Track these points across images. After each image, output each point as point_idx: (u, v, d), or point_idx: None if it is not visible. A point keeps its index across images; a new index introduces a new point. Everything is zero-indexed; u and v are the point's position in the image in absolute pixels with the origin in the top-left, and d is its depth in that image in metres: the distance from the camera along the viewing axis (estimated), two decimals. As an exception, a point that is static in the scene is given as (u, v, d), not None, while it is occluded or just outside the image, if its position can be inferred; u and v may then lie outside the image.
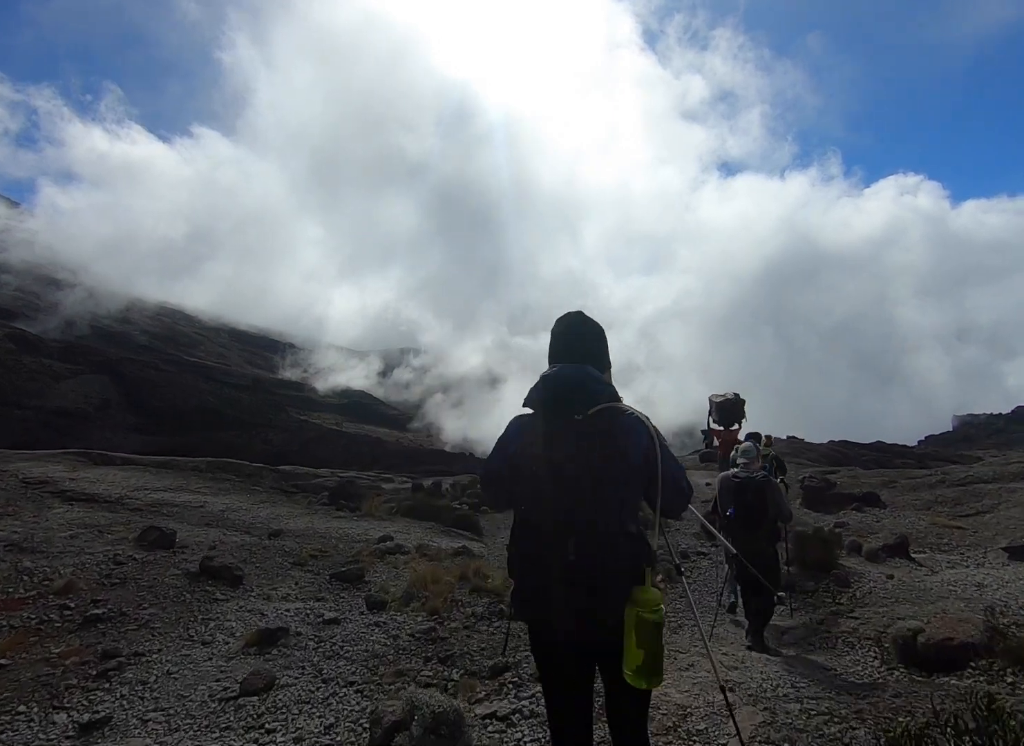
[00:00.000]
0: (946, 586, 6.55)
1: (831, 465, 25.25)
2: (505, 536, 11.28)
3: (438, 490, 17.43)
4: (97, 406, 56.42)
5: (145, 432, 55.55)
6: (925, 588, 6.48)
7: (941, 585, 6.59)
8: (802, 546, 7.59)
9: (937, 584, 6.66)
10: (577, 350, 1.97)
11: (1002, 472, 11.10)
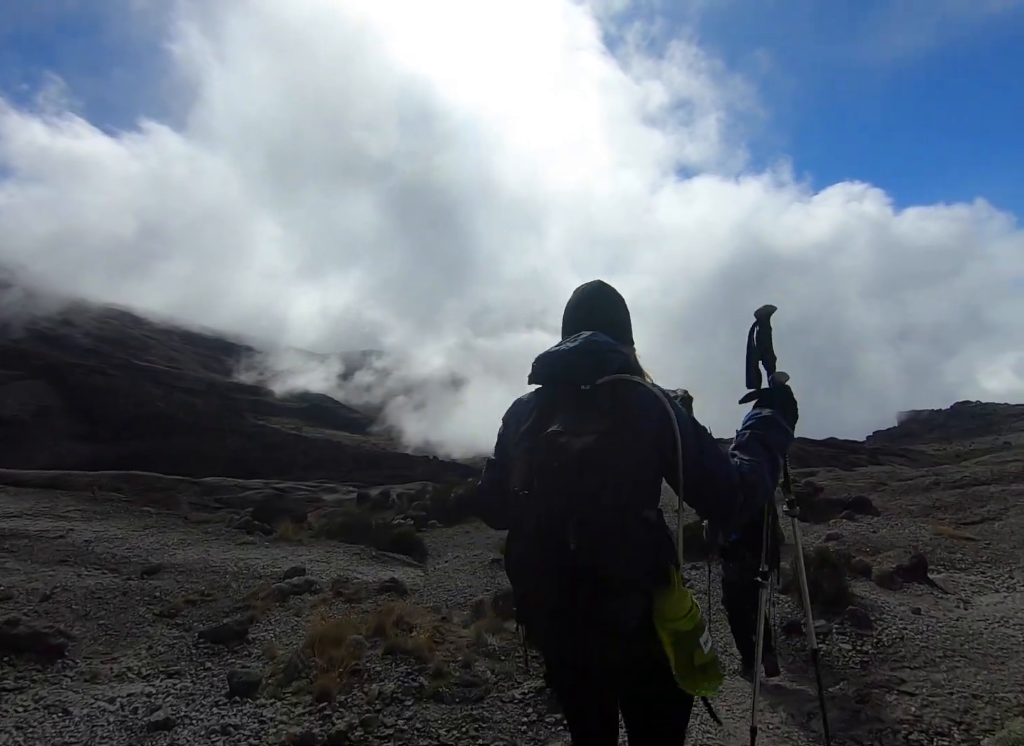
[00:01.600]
0: (995, 626, 5.06)
1: (797, 464, 24.20)
2: (451, 558, 9.45)
3: (385, 500, 15.50)
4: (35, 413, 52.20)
5: (91, 440, 51.64)
6: (971, 630, 4.98)
7: (987, 624, 5.10)
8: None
9: (981, 622, 5.18)
10: (591, 320, 1.63)
11: (1001, 472, 9.93)
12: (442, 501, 13.34)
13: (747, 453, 1.54)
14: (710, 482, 1.45)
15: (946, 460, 29.82)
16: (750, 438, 1.58)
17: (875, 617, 5.41)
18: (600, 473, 1.34)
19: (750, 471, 1.48)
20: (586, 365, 1.48)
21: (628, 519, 1.35)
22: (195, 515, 12.53)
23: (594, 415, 1.41)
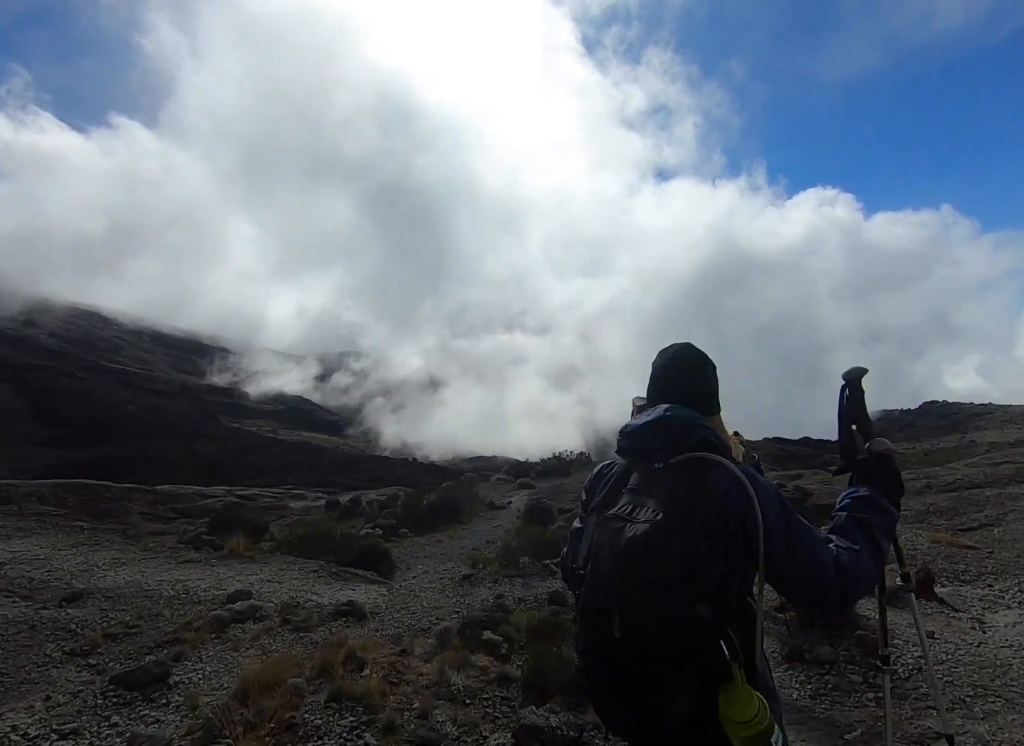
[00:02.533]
0: (1020, 651, 4.49)
1: (776, 464, 23.90)
2: (419, 572, 8.65)
3: (356, 507, 14.63)
4: (-5, 417, 49.96)
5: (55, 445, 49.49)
6: (998, 661, 4.40)
7: (1015, 652, 4.53)
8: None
9: (1007, 650, 4.61)
10: (674, 389, 1.52)
11: (994, 474, 9.52)
12: (414, 508, 12.54)
13: (846, 538, 1.35)
14: (802, 573, 1.28)
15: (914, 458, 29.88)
16: (848, 520, 1.39)
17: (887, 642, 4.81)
18: (648, 566, 1.25)
19: (850, 561, 1.29)
20: (660, 441, 1.40)
21: (675, 617, 1.23)
22: (146, 526, 11.55)
23: (658, 499, 1.32)
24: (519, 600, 6.65)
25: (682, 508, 1.27)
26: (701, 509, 1.27)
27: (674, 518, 1.26)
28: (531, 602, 6.58)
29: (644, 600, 1.23)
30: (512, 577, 7.55)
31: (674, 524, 1.26)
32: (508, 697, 4.40)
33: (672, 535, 1.25)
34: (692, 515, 1.26)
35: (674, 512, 1.27)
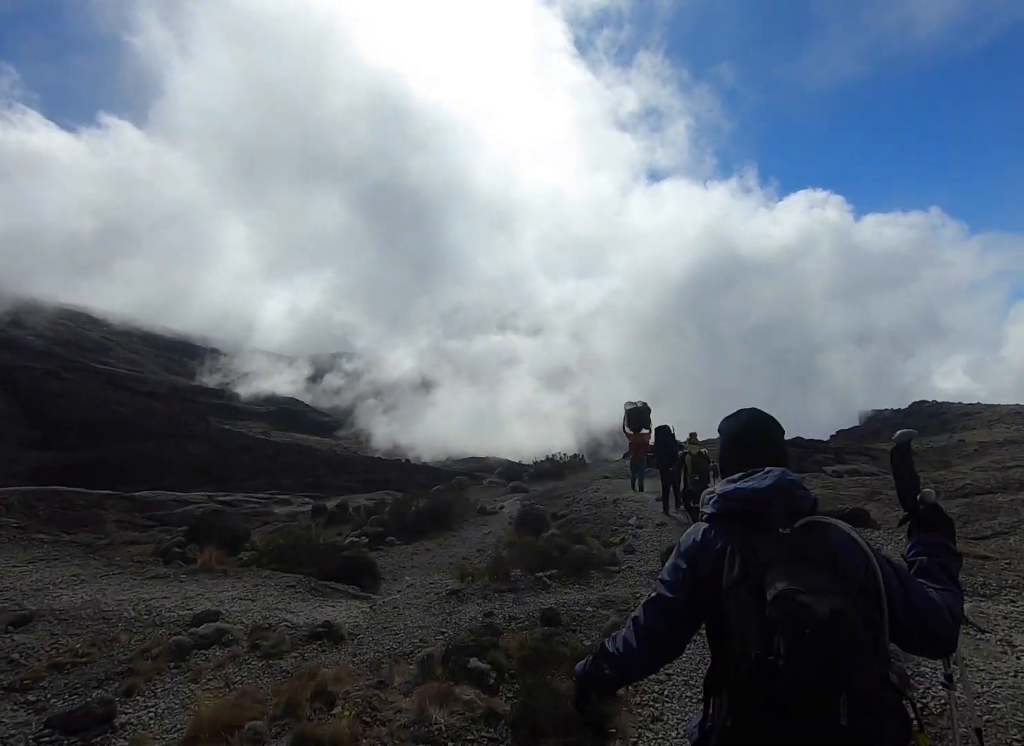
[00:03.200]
0: (1063, 685, 4.04)
1: (774, 466, 23.60)
2: (405, 585, 8.18)
3: (343, 513, 14.09)
4: (-19, 419, 48.89)
5: (43, 447, 48.56)
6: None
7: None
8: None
9: (1012, 670, 4.16)
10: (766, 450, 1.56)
11: (1005, 479, 9.11)
12: (402, 515, 12.02)
13: (937, 582, 1.45)
14: (924, 622, 1.36)
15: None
16: (932, 565, 1.50)
17: (911, 671, 4.35)
18: (856, 640, 1.23)
19: (953, 602, 1.42)
20: (782, 505, 1.40)
21: (885, 688, 1.29)
22: (121, 535, 10.97)
23: (817, 567, 1.29)
24: (510, 618, 6.15)
25: (846, 576, 1.28)
26: (850, 574, 1.29)
27: (851, 587, 1.27)
28: (523, 621, 6.08)
29: (869, 675, 1.24)
30: (503, 592, 7.05)
31: (855, 594, 1.26)
32: (496, 738, 3.91)
33: (859, 605, 1.25)
34: (855, 583, 1.28)
35: (848, 581, 1.27)
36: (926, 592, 1.38)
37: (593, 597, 6.76)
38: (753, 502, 1.42)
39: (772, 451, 1.57)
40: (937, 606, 1.36)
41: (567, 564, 7.92)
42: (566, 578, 7.63)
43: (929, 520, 1.62)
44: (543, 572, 7.75)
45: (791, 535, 1.35)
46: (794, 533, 1.35)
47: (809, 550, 1.32)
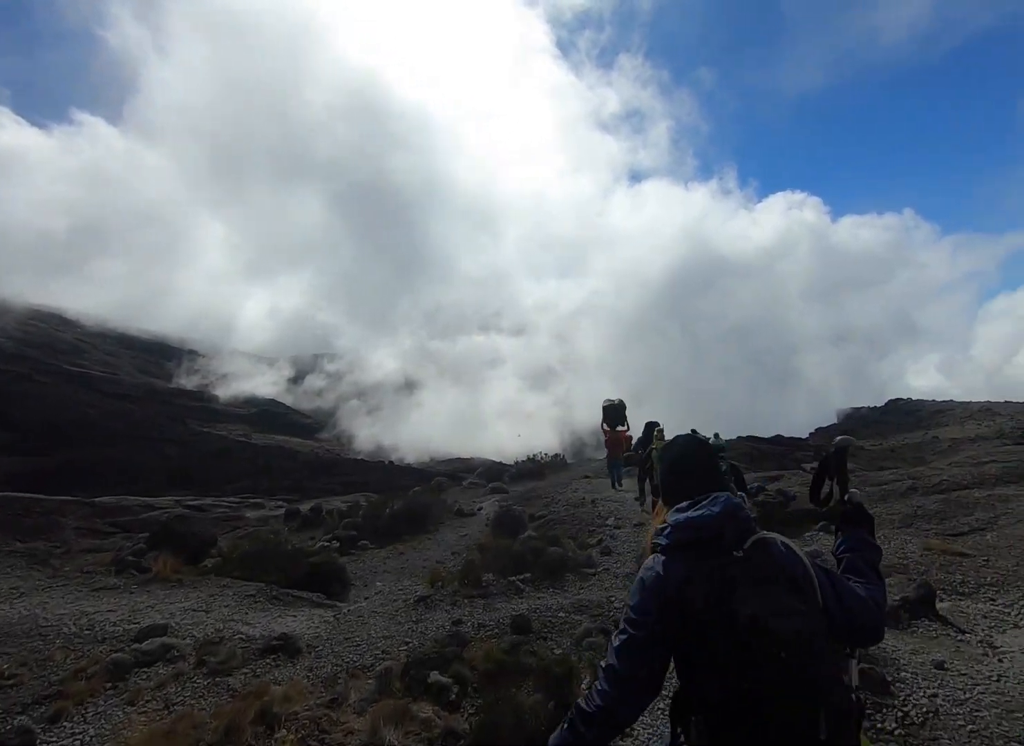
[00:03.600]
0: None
1: (752, 464, 23.53)
2: (374, 592, 7.85)
3: (317, 517, 13.66)
4: (-54, 423, 47.32)
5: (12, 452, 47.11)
6: (1019, 695, 3.75)
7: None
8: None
9: (995, 673, 3.98)
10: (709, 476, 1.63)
11: (981, 474, 9.05)
12: (376, 517, 11.65)
13: (863, 577, 1.57)
14: (853, 618, 1.45)
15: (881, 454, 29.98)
16: (857, 560, 1.62)
17: (892, 676, 4.14)
18: (823, 654, 1.33)
19: (877, 594, 1.52)
20: (733, 529, 1.47)
21: (850, 696, 1.36)
22: (79, 543, 10.46)
23: (776, 587, 1.39)
24: (479, 626, 5.86)
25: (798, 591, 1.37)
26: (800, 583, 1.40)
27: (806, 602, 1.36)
28: (492, 628, 5.79)
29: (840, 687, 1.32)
30: (473, 598, 6.76)
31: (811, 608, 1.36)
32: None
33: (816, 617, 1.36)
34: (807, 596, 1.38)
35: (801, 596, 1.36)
36: (854, 590, 1.49)
37: (567, 602, 6.50)
38: (706, 529, 1.47)
39: (711, 475, 1.64)
40: (864, 601, 1.48)
41: (541, 567, 7.65)
42: (540, 582, 7.36)
43: (855, 517, 1.75)
44: (517, 576, 7.47)
45: (744, 557, 1.42)
46: (747, 554, 1.42)
47: (764, 569, 1.40)
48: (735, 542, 1.44)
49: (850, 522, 1.75)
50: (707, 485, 1.59)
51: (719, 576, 1.39)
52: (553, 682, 4.23)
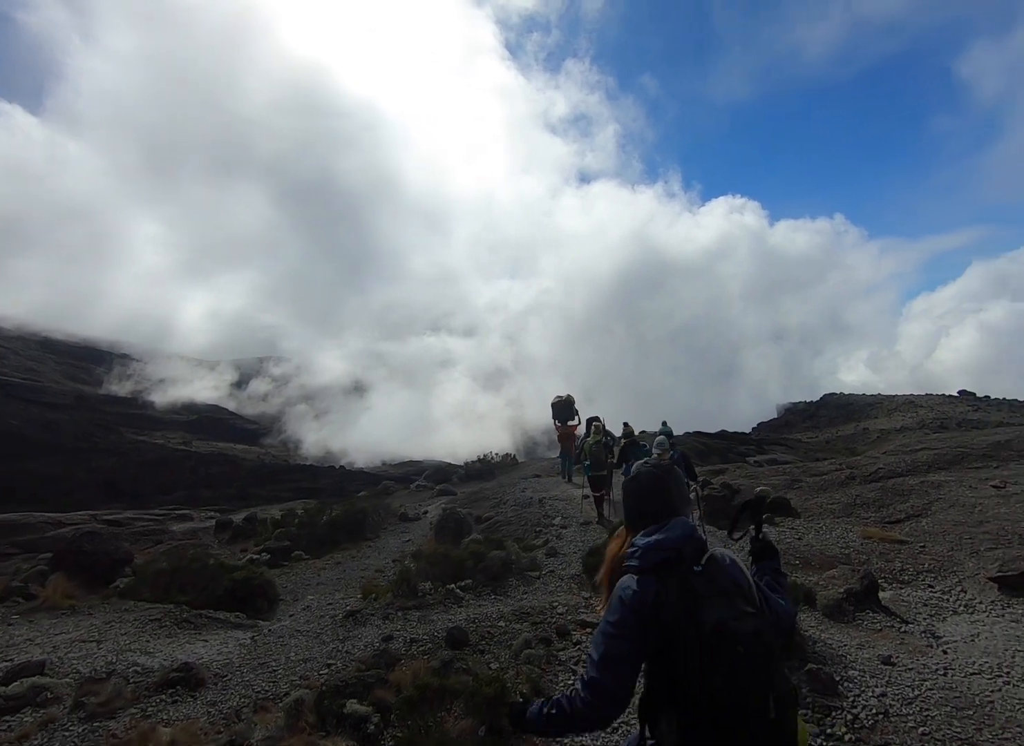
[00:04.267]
0: (1002, 685, 3.69)
1: (699, 458, 23.84)
2: (302, 608, 7.19)
3: (251, 527, 12.75)
4: None
5: (-76, 468, 42.92)
6: (970, 692, 3.57)
7: (985, 678, 3.73)
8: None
9: (977, 675, 3.82)
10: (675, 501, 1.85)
11: (914, 462, 9.21)
12: (313, 525, 10.91)
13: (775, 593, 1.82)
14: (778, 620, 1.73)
15: (818, 446, 31.14)
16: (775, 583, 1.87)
17: (840, 675, 3.91)
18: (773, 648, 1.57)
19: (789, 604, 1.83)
20: (692, 548, 1.69)
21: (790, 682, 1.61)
22: (-30, 567, 9.30)
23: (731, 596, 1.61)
24: (411, 641, 5.36)
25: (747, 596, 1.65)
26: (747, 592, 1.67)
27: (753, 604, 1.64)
28: (426, 643, 5.30)
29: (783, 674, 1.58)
30: (408, 609, 6.24)
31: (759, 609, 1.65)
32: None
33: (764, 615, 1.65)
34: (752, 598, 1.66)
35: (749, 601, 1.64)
36: (777, 598, 1.75)
37: (508, 609, 6.08)
38: (670, 550, 1.67)
39: (670, 501, 1.80)
40: (785, 608, 1.76)
41: (483, 573, 7.21)
42: (481, 589, 6.92)
43: (767, 551, 1.98)
44: (457, 583, 7.00)
45: (703, 572, 1.63)
46: (704, 570, 1.64)
47: (719, 582, 1.62)
48: (694, 560, 1.66)
49: (763, 555, 2.00)
50: (668, 511, 1.79)
51: (685, 590, 1.60)
52: (484, 704, 3.79)
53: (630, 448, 8.55)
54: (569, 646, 5.06)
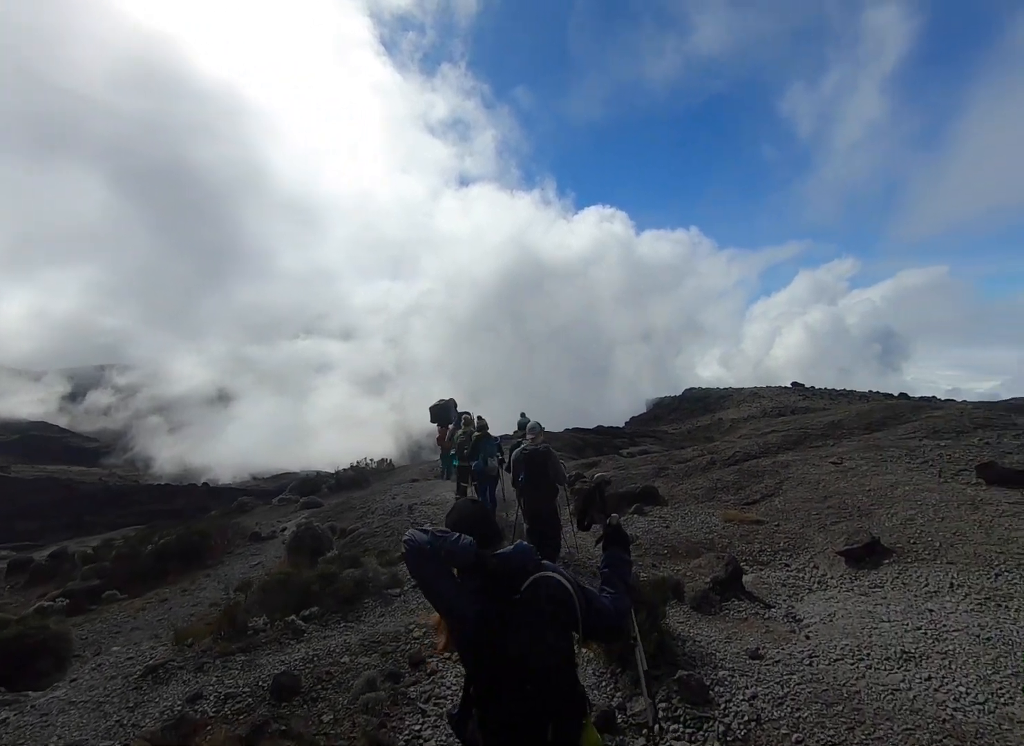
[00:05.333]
0: (862, 669, 3.51)
1: (575, 453, 24.27)
2: (96, 664, 5.67)
3: (57, 565, 10.41)
4: None
5: None
6: (836, 682, 3.34)
7: (848, 664, 3.53)
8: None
9: (840, 660, 3.62)
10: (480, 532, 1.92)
11: (765, 444, 9.65)
12: (133, 558, 9.05)
13: (613, 587, 1.96)
14: (603, 622, 1.84)
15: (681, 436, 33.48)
16: (612, 575, 1.99)
17: (711, 679, 3.53)
18: (563, 679, 1.74)
19: (619, 602, 1.92)
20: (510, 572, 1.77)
21: (574, 693, 1.77)
22: None
23: (538, 624, 1.72)
24: (225, 698, 4.25)
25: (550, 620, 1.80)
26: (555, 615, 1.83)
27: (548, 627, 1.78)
28: (244, 698, 4.22)
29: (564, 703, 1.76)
30: (231, 654, 5.06)
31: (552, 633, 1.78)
32: None
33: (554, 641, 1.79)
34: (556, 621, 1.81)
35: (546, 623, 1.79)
36: (603, 601, 1.87)
37: (357, 638, 5.16)
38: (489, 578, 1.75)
39: (483, 530, 1.89)
40: (610, 610, 1.87)
41: (333, 597, 6.18)
42: (329, 616, 5.90)
43: (615, 537, 2.09)
44: (299, 613, 5.92)
45: (522, 599, 1.73)
46: (523, 596, 1.74)
47: (533, 610, 1.72)
48: (513, 585, 1.75)
49: (611, 541, 2.07)
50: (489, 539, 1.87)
51: (500, 618, 1.71)
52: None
53: (481, 442, 8.05)
54: (422, 679, 4.28)
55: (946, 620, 3.93)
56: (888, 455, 7.87)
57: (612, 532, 2.09)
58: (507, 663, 1.66)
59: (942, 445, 7.93)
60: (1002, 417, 8.76)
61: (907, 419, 9.45)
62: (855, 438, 9.13)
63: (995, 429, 8.23)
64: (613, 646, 3.88)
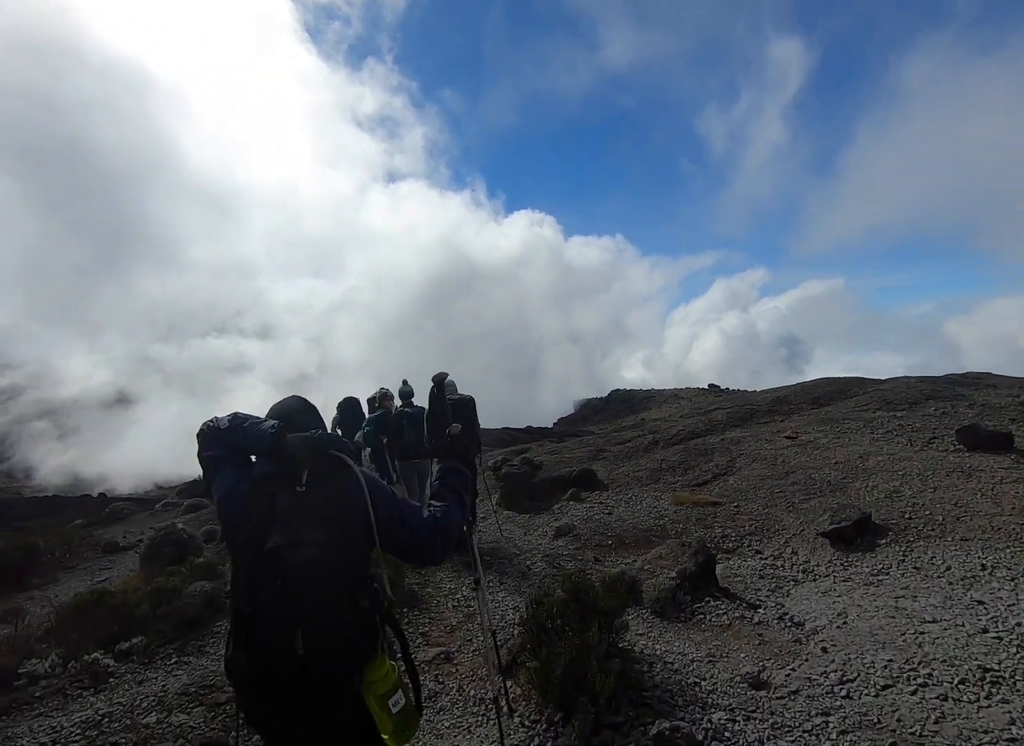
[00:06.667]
0: (917, 690, 2.31)
1: (505, 445, 22.98)
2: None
3: None
4: None
5: None
6: (897, 725, 2.09)
7: (897, 684, 2.34)
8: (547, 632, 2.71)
9: (891, 686, 2.41)
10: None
11: (711, 421, 8.71)
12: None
13: (440, 500, 1.68)
14: (416, 538, 1.55)
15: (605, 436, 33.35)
16: (440, 486, 1.74)
17: (703, 729, 2.21)
18: (323, 582, 1.39)
19: (443, 516, 1.61)
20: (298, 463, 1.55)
21: (351, 614, 1.40)
22: None
23: (314, 520, 1.44)
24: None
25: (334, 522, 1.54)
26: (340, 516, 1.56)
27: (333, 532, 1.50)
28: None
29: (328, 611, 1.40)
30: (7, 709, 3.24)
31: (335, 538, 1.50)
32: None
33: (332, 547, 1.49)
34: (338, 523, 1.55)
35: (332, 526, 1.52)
36: (419, 513, 1.57)
37: (180, 684, 3.48)
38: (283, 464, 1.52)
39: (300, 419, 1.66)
40: (427, 524, 1.56)
41: (169, 620, 4.43)
42: (158, 648, 4.16)
43: (453, 448, 1.83)
44: (115, 646, 4.13)
45: (304, 489, 1.47)
46: (307, 484, 1.47)
47: (309, 497, 1.46)
48: (298, 475, 1.49)
49: (449, 452, 1.83)
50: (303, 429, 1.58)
51: (271, 505, 1.45)
52: None
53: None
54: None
55: (1016, 616, 2.84)
56: (846, 427, 7.05)
57: (450, 442, 1.86)
58: (264, 557, 1.38)
59: (899, 416, 7.22)
60: (947, 388, 8.26)
61: (854, 393, 8.81)
62: (805, 412, 8.35)
63: (946, 400, 7.66)
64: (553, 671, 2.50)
